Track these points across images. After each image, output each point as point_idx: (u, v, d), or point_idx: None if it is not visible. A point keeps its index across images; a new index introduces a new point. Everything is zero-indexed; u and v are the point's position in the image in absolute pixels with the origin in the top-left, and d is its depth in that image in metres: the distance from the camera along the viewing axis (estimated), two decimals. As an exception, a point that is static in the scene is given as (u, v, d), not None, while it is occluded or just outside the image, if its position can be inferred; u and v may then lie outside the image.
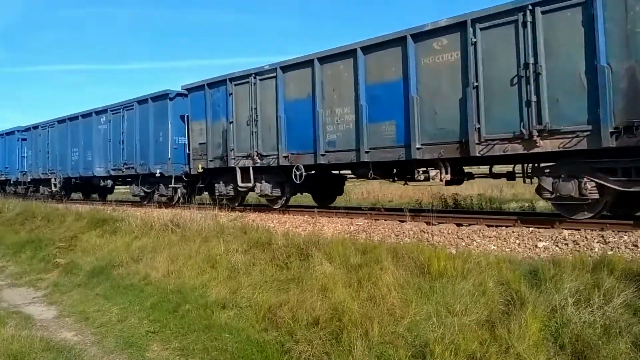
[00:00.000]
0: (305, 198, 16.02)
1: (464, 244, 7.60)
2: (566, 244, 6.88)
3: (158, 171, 16.14)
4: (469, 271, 5.86)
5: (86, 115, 20.58)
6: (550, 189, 8.06)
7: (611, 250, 6.38)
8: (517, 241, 7.34)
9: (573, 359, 4.43)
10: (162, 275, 8.43)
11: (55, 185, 22.31)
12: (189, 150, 15.19)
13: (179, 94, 15.98)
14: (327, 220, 10.46)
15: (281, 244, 7.87)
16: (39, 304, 9.03)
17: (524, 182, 9.43)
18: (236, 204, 14.01)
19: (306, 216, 11.21)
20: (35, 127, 24.77)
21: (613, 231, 7.05)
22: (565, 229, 7.50)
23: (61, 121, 22.41)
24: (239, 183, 13.26)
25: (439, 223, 8.96)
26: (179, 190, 16.20)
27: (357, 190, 20.58)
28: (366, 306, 5.60)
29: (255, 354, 5.50)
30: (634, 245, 6.40)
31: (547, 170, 8.27)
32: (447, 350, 4.57)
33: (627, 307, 4.73)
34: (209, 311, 6.68)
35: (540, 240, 7.18)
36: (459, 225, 8.71)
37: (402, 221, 9.43)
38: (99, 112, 19.73)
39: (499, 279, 5.60)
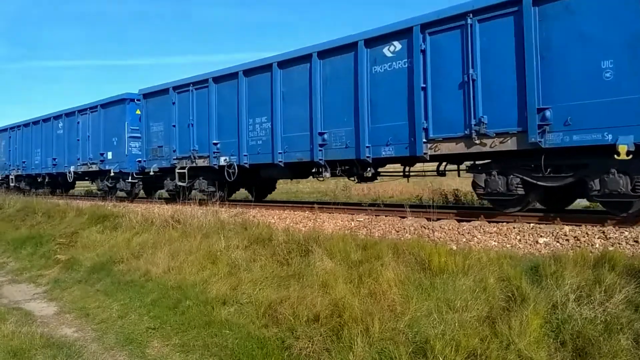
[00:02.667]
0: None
1: (464, 239, 7.58)
2: (567, 240, 6.86)
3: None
4: (470, 267, 5.85)
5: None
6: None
7: (612, 246, 6.36)
8: (518, 237, 7.32)
9: (574, 356, 4.42)
10: (162, 271, 8.43)
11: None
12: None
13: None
14: (328, 216, 10.45)
15: (282, 240, 7.87)
16: (40, 300, 9.04)
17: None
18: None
19: (307, 212, 11.20)
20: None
21: (614, 227, 7.03)
22: (566, 224, 7.48)
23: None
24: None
25: (440, 219, 8.95)
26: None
27: (357, 186, 20.54)
28: (367, 302, 5.59)
29: (255, 350, 5.49)
30: (635, 241, 6.37)
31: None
32: (447, 347, 4.57)
33: (628, 303, 4.72)
34: (210, 307, 6.68)
35: (541, 236, 7.17)
36: (459, 221, 8.70)
37: (403, 217, 9.41)
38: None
39: (499, 275, 5.59)
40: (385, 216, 9.78)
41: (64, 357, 6.04)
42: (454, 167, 10.35)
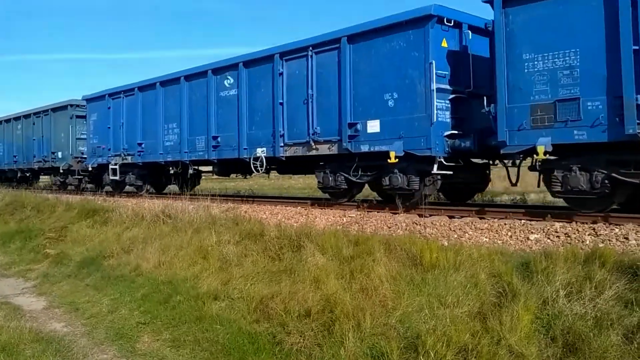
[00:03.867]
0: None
1: (456, 236, 7.59)
2: (558, 237, 6.89)
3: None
4: (461, 263, 5.86)
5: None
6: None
7: (602, 242, 6.38)
8: (509, 233, 7.34)
9: (564, 351, 4.45)
10: (153, 266, 8.38)
11: None
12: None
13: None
14: (320, 212, 10.44)
15: (273, 235, 7.84)
16: (29, 294, 8.97)
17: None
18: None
19: (299, 208, 11.18)
20: None
21: (604, 224, 7.07)
22: (557, 221, 7.51)
23: None
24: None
25: (432, 215, 8.97)
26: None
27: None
28: (358, 298, 5.59)
29: (246, 345, 5.48)
30: (625, 238, 6.41)
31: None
32: (439, 342, 4.57)
33: (618, 299, 4.75)
34: (200, 302, 6.65)
35: (532, 232, 7.19)
36: (451, 217, 8.71)
37: (395, 213, 9.42)
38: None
39: (490, 271, 5.61)
40: (377, 212, 9.79)
41: (53, 351, 5.99)
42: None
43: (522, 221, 7.76)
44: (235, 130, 13.02)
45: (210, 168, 15.78)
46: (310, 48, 11.16)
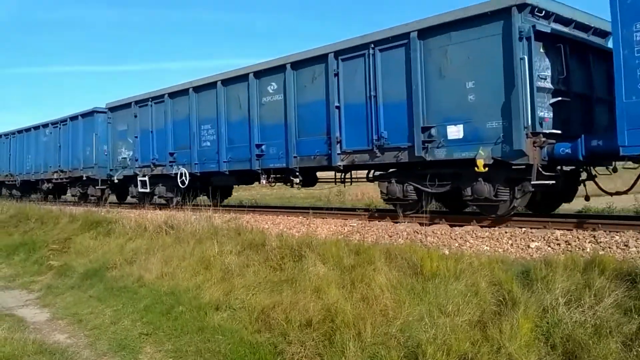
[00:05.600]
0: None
1: (457, 244, 7.62)
2: (558, 244, 6.91)
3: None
4: (462, 272, 5.88)
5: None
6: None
7: (602, 250, 6.40)
8: (510, 241, 7.36)
9: (564, 359, 4.46)
10: (155, 277, 8.42)
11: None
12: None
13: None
14: (321, 221, 10.46)
15: (275, 245, 7.87)
16: (32, 306, 9.01)
17: None
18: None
19: (300, 217, 11.22)
20: None
21: (605, 231, 7.08)
22: (557, 229, 7.52)
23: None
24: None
25: (433, 224, 8.99)
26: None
27: (351, 191, 20.57)
28: (359, 307, 5.61)
29: (248, 356, 5.51)
30: (625, 245, 6.43)
31: None
32: (439, 351, 4.60)
33: (617, 306, 4.76)
34: (203, 313, 6.68)
35: (532, 240, 7.21)
36: (452, 226, 8.73)
37: (396, 222, 9.45)
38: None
39: (491, 279, 5.63)
40: (379, 221, 9.82)
41: (56, 363, 6.03)
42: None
43: (523, 229, 7.78)
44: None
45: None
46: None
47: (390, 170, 10.41)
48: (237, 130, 13.20)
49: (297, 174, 11.85)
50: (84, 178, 19.84)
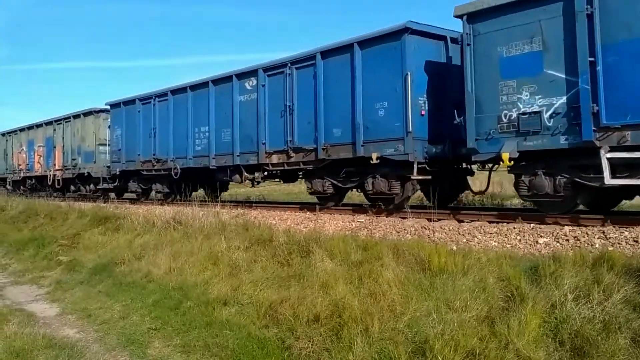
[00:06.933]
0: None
1: (464, 240, 7.60)
2: (567, 240, 6.87)
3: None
4: (470, 267, 5.87)
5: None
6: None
7: (612, 246, 6.36)
8: (518, 237, 7.33)
9: (572, 355, 4.44)
10: (164, 272, 8.47)
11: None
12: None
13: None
14: (329, 217, 10.47)
15: (282, 240, 7.89)
16: (42, 301, 9.08)
17: None
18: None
19: (308, 213, 11.23)
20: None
21: (614, 227, 7.03)
22: (566, 225, 7.48)
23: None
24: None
25: (440, 219, 8.96)
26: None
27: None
28: (367, 302, 5.61)
29: (256, 351, 5.52)
30: (634, 241, 6.37)
31: None
32: (446, 347, 4.59)
33: (626, 302, 4.73)
34: (211, 308, 6.71)
35: (541, 236, 7.17)
36: (460, 221, 8.71)
37: (404, 218, 9.43)
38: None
39: (499, 275, 5.61)
40: (386, 217, 9.81)
41: (65, 357, 6.08)
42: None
43: (532, 225, 7.74)
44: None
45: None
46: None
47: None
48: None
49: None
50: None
